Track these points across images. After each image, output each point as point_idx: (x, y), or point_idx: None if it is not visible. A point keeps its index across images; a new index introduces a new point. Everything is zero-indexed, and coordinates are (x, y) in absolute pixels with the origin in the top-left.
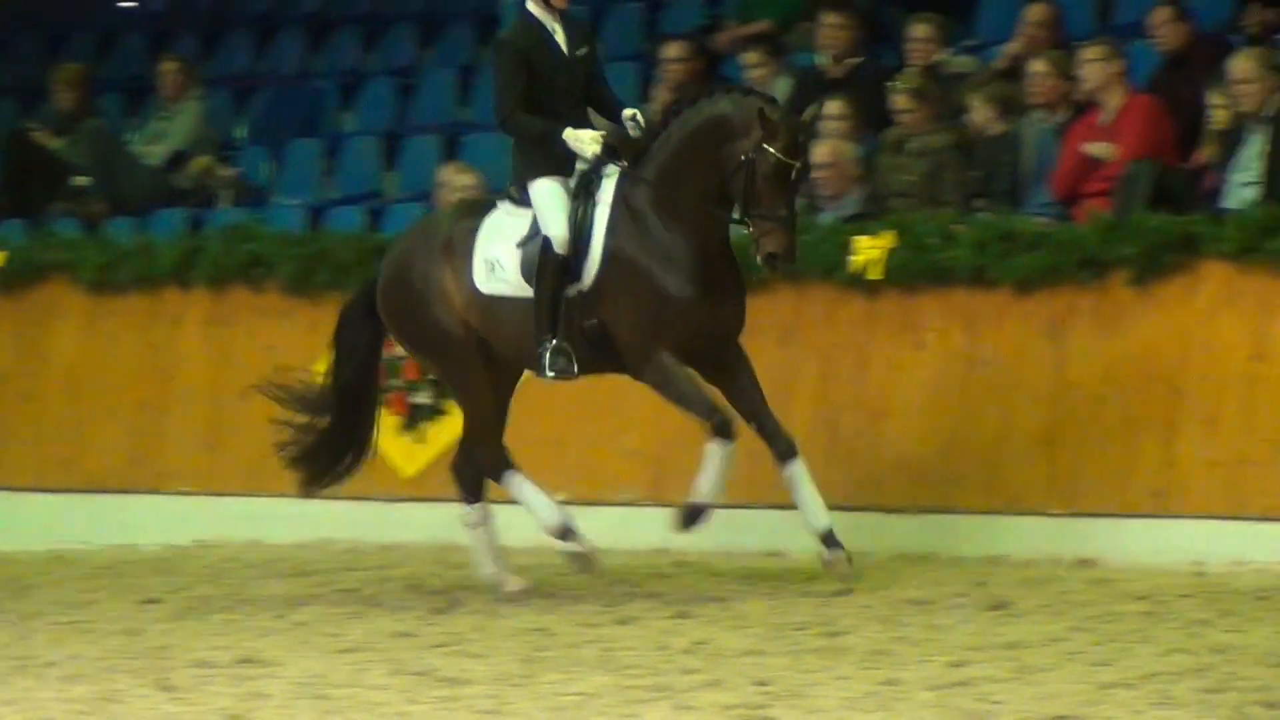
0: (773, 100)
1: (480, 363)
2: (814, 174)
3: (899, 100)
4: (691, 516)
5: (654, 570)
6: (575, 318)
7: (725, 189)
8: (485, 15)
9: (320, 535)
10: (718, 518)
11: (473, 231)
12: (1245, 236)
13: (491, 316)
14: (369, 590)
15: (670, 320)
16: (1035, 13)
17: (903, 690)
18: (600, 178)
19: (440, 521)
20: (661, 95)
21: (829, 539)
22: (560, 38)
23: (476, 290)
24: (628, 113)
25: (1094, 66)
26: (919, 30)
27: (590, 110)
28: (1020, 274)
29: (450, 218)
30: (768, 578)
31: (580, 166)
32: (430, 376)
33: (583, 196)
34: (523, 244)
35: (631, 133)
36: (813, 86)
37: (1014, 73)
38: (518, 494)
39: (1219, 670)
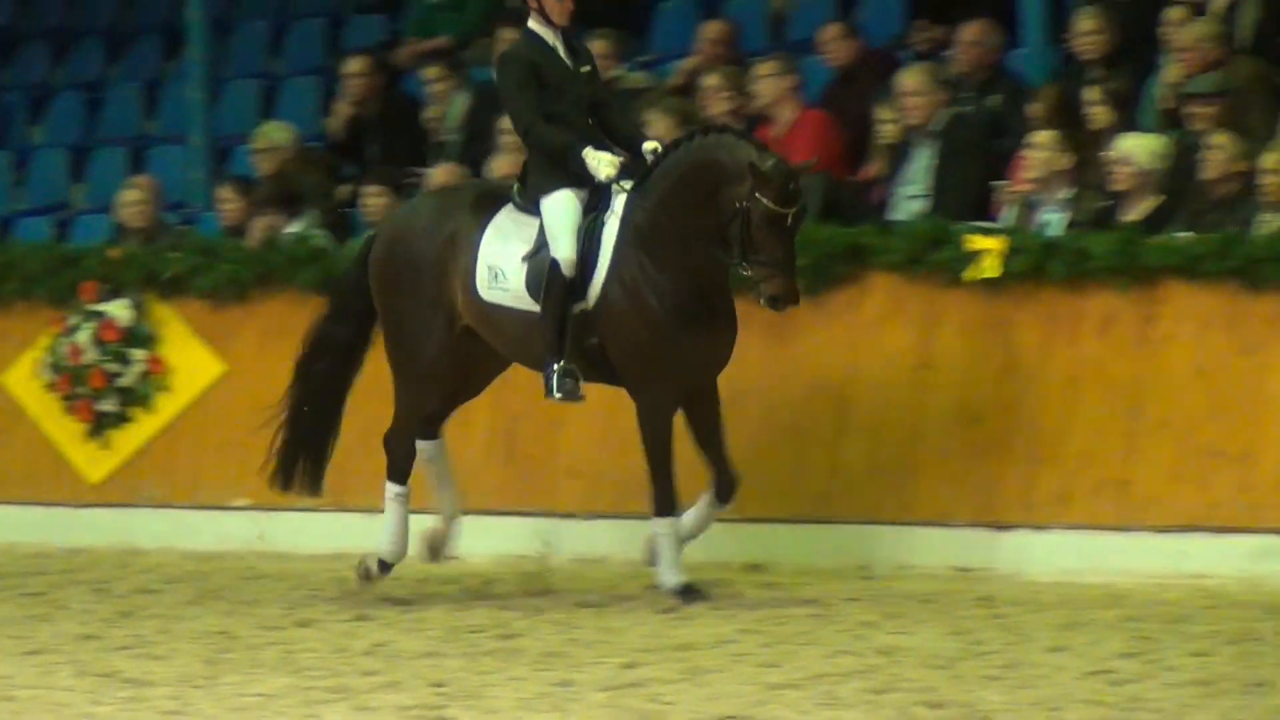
0: (762, 148)
1: (445, 370)
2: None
3: None
4: (689, 595)
5: (334, 575)
6: (578, 335)
7: (723, 231)
8: (171, 29)
9: (6, 539)
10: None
11: (478, 231)
12: (912, 248)
13: (489, 322)
14: (55, 594)
15: (663, 346)
16: (710, 30)
17: (576, 691)
18: (610, 198)
19: (126, 526)
20: (343, 109)
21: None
22: (563, 52)
23: (477, 295)
24: (649, 146)
25: (768, 82)
26: (597, 46)
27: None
28: None
29: (455, 209)
30: (447, 582)
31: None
32: (119, 384)
33: (592, 215)
34: (528, 258)
35: (649, 161)
36: (491, 101)
37: (689, 88)
38: (387, 505)
39: (884, 671)
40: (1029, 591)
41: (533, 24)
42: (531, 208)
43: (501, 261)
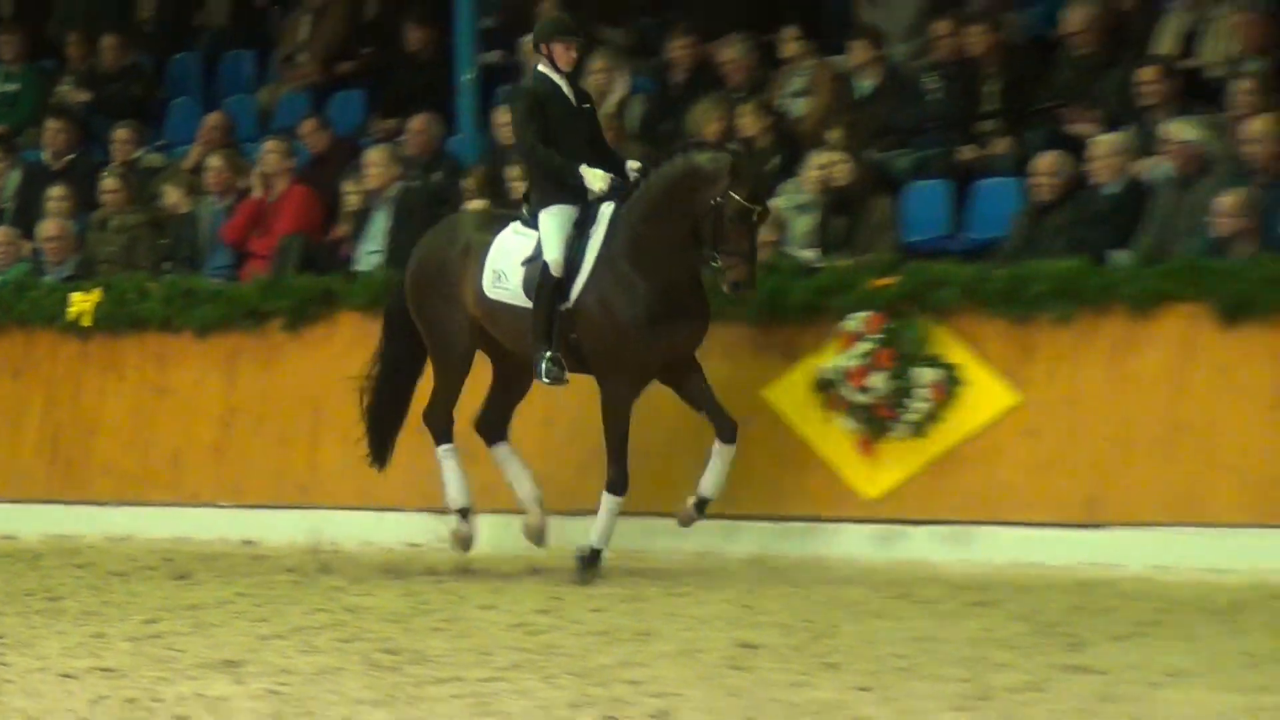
0: (739, 154)
1: (467, 357)
2: (47, 246)
3: (105, 186)
4: (588, 561)
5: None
6: (563, 329)
7: (697, 229)
8: None
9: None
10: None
11: (487, 243)
12: (372, 293)
13: (493, 317)
14: None
15: (627, 348)
16: (212, 119)
17: (108, 641)
18: (596, 214)
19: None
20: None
21: (702, 504)
22: (567, 91)
23: (483, 294)
24: (632, 164)
25: (271, 157)
26: (120, 134)
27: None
28: (199, 322)
29: (471, 226)
30: (3, 557)
31: (588, 198)
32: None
33: (580, 228)
34: (526, 262)
35: (632, 179)
36: (40, 177)
37: (197, 167)
38: (442, 462)
39: (351, 625)
40: (462, 563)
41: (542, 67)
42: (532, 221)
43: (504, 265)
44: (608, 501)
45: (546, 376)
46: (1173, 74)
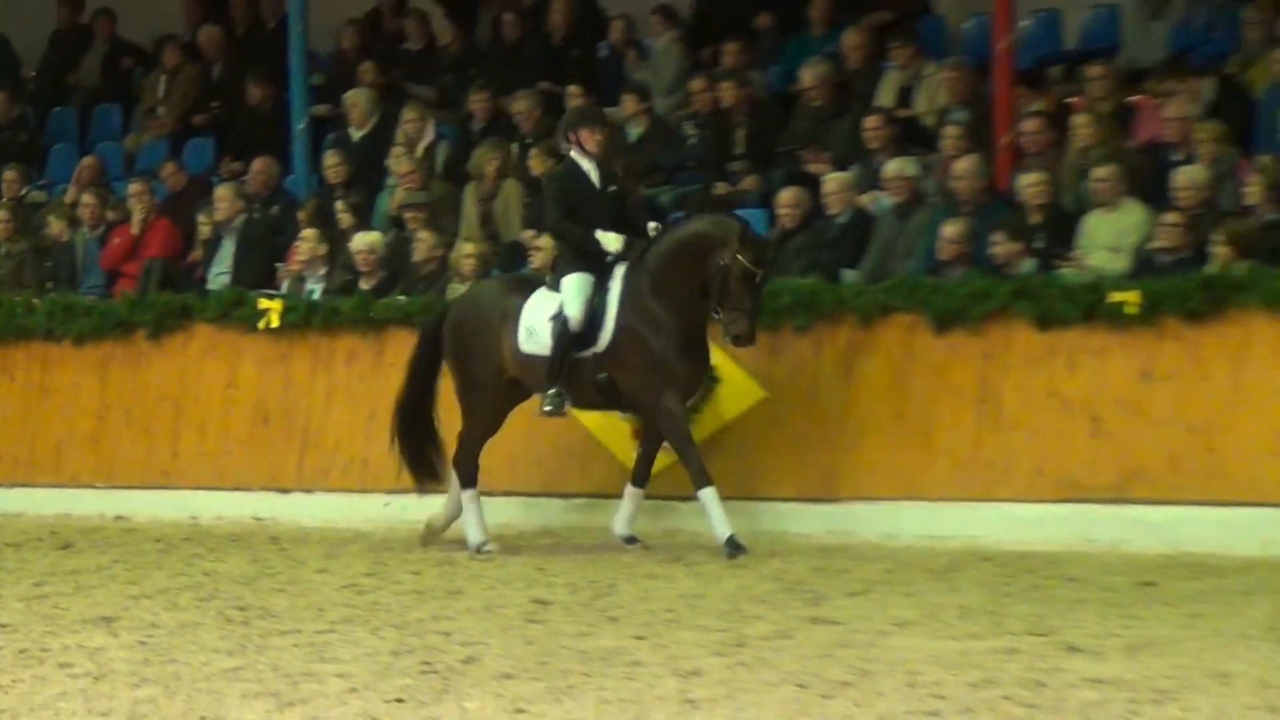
0: (746, 221)
1: (499, 406)
2: None
3: None
4: (732, 549)
5: None
6: (590, 372)
7: (706, 285)
8: None
9: None
10: None
11: (520, 306)
12: (222, 307)
13: (527, 369)
14: None
15: (665, 373)
16: (86, 162)
17: (3, 601)
18: (612, 273)
19: None
20: None
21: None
22: (594, 176)
23: (519, 350)
24: (652, 226)
25: (137, 197)
26: (9, 174)
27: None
28: (77, 332)
29: (505, 292)
30: None
31: (605, 259)
32: None
33: (599, 286)
34: (553, 318)
35: (652, 237)
36: None
37: (74, 203)
38: (466, 506)
39: (208, 586)
40: (301, 533)
41: (574, 154)
42: (557, 286)
43: (535, 323)
44: (704, 497)
45: (548, 405)
46: (892, 122)
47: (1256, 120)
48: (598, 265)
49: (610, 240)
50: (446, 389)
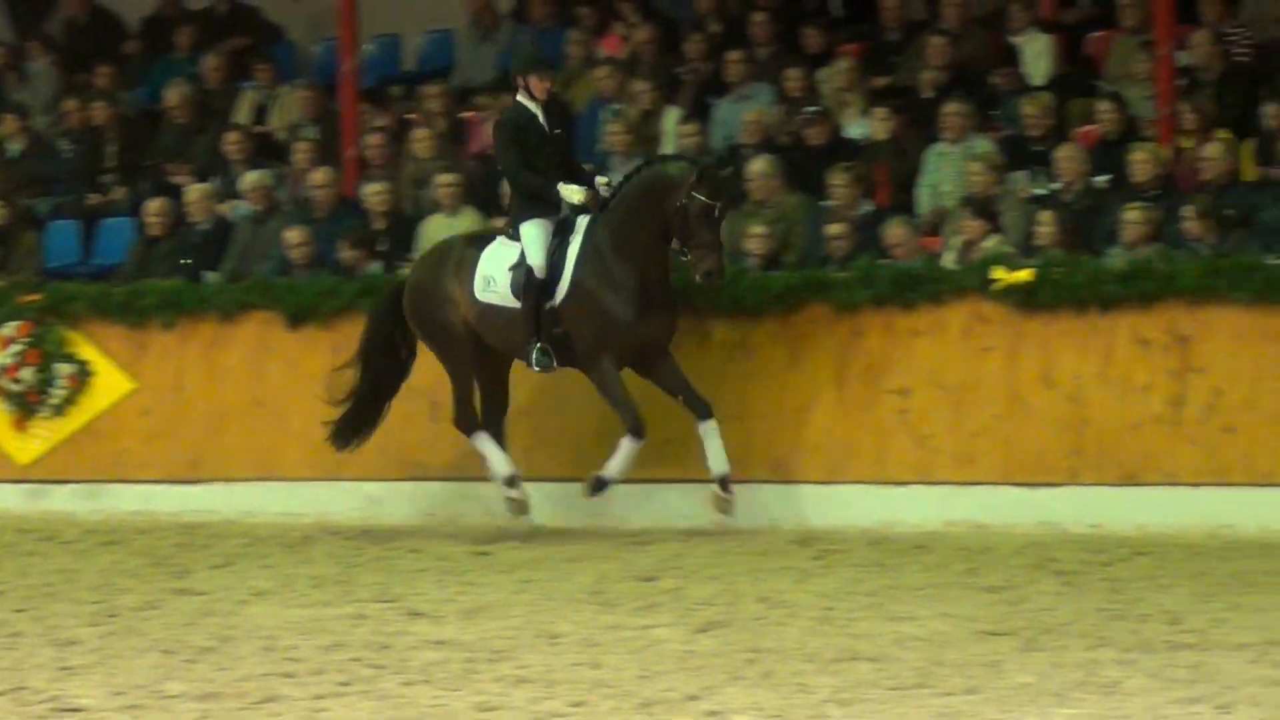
0: (696, 160)
1: (470, 352)
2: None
3: None
4: (598, 486)
5: None
6: (548, 325)
7: (667, 229)
8: None
9: None
10: None
11: (476, 256)
12: None
13: (484, 319)
14: None
15: (613, 334)
16: None
17: None
18: (573, 224)
19: None
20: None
21: (724, 482)
22: (542, 120)
23: (474, 298)
24: (601, 179)
25: None
26: None
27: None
28: None
29: (461, 245)
30: None
31: (562, 214)
32: None
33: (559, 236)
34: (513, 268)
35: (602, 193)
36: None
37: None
38: (480, 448)
39: None
40: None
41: (520, 97)
42: (514, 234)
43: (493, 272)
44: (629, 443)
45: (537, 365)
46: (250, 137)
47: (577, 133)
48: (554, 212)
49: (573, 193)
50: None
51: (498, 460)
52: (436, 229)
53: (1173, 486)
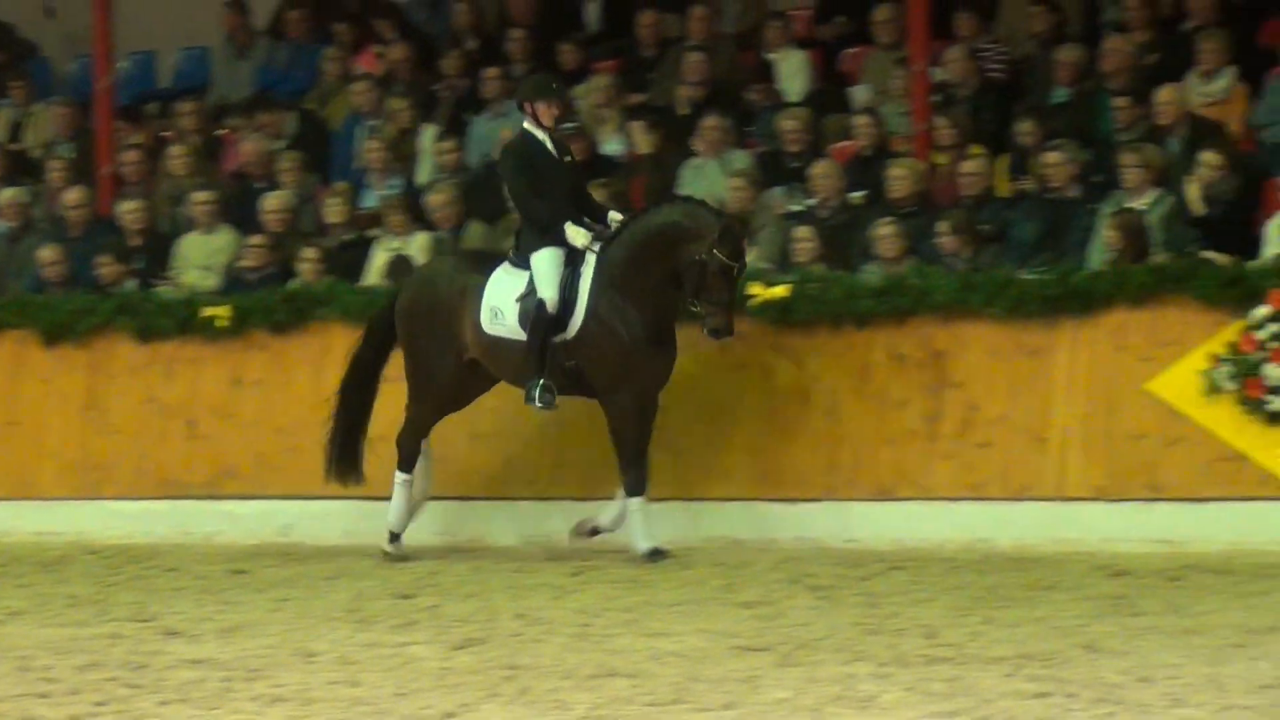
0: (721, 213)
1: (457, 387)
2: None
3: None
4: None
5: None
6: (559, 359)
7: (678, 276)
8: None
9: None
10: None
11: (482, 284)
12: None
13: (491, 352)
14: None
15: (630, 364)
16: None
17: None
18: (585, 257)
19: None
20: None
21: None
22: (551, 147)
23: (482, 330)
24: (614, 216)
25: None
26: None
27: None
28: None
29: (467, 267)
30: None
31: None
32: None
33: (570, 266)
34: (520, 299)
35: (613, 228)
36: None
37: None
38: (396, 488)
39: None
40: None
41: (528, 125)
42: (523, 262)
43: (500, 303)
44: (633, 504)
45: (539, 401)
46: (4, 154)
47: (334, 150)
48: (566, 240)
49: (578, 235)
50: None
51: (399, 512)
52: (192, 246)
53: (929, 501)
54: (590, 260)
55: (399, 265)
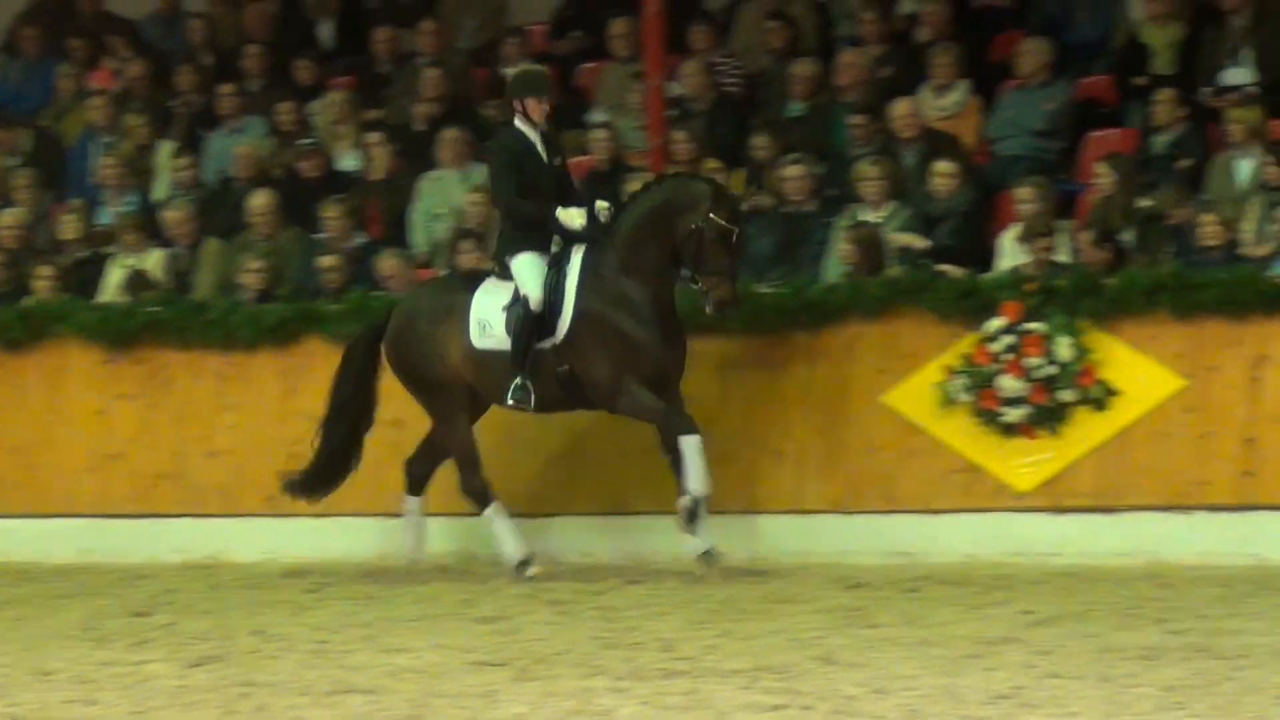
0: (711, 180)
1: (463, 405)
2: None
3: None
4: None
5: None
6: (549, 365)
7: (677, 254)
8: None
9: None
10: None
11: (469, 301)
12: None
13: (482, 367)
14: None
15: (636, 359)
16: None
17: None
18: (568, 255)
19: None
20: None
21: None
22: (540, 148)
23: (471, 346)
24: (601, 205)
25: None
26: None
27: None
28: None
29: (451, 288)
30: None
31: (554, 248)
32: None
33: (555, 268)
34: (507, 308)
35: (601, 219)
36: None
37: None
38: (494, 524)
39: None
40: None
41: (517, 122)
42: (505, 273)
43: (487, 316)
44: (690, 444)
45: (512, 398)
46: None
47: (69, 166)
48: (546, 244)
49: (572, 217)
50: None
51: (512, 543)
52: None
53: (666, 515)
54: (575, 260)
55: (135, 281)
